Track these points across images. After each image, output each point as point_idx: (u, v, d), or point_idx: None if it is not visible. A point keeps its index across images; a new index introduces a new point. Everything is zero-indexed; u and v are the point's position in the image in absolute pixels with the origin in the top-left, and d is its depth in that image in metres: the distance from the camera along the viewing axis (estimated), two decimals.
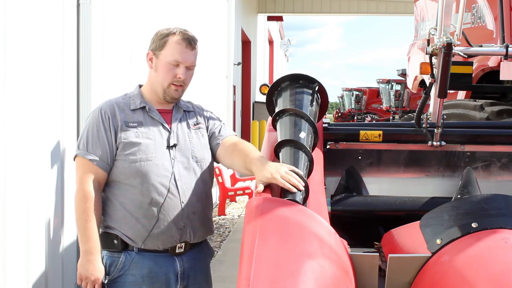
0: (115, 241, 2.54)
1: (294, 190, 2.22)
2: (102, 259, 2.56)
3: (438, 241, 2.06)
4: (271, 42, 24.42)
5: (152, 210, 2.52)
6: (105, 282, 2.53)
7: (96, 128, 2.55)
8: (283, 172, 2.27)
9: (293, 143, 2.49)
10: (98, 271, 2.51)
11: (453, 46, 2.73)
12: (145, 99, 2.65)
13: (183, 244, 2.60)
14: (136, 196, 2.52)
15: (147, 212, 2.52)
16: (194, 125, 2.71)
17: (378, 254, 2.16)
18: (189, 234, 2.60)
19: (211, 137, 2.74)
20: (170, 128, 2.63)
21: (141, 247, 2.54)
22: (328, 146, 3.27)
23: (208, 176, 2.70)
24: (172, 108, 2.69)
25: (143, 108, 2.62)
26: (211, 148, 2.73)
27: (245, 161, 2.52)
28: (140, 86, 2.72)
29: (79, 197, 2.51)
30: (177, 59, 2.58)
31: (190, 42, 2.61)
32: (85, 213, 2.49)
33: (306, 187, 2.35)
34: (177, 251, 2.59)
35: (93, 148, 2.53)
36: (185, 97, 2.82)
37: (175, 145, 2.60)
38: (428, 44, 2.88)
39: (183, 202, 2.57)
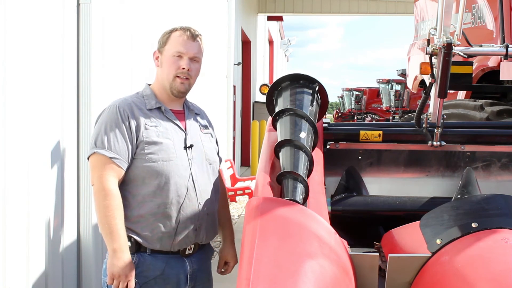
0: (129, 243, 2.48)
1: None
2: None
3: (438, 241, 2.06)
4: (271, 42, 24.41)
5: (172, 211, 2.50)
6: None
7: (115, 125, 2.49)
8: None
9: (293, 143, 2.49)
10: (130, 268, 2.43)
11: (453, 46, 2.73)
12: (158, 99, 2.63)
13: (192, 246, 2.60)
14: (155, 195, 2.49)
15: (167, 213, 2.50)
16: (203, 128, 2.72)
17: (378, 254, 2.16)
18: (202, 235, 2.61)
19: None
20: (185, 129, 2.63)
21: (157, 248, 2.51)
22: (328, 146, 3.27)
23: (217, 179, 2.72)
24: (183, 109, 2.69)
25: (159, 108, 2.60)
26: None
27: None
28: (149, 85, 2.70)
29: (101, 195, 2.42)
30: (180, 50, 2.58)
31: (191, 34, 2.62)
32: (109, 211, 2.40)
33: (306, 187, 2.35)
34: (187, 252, 2.59)
35: (113, 146, 2.46)
36: (187, 96, 2.82)
37: (191, 146, 2.60)
38: (428, 44, 2.88)
39: (200, 203, 2.57)
